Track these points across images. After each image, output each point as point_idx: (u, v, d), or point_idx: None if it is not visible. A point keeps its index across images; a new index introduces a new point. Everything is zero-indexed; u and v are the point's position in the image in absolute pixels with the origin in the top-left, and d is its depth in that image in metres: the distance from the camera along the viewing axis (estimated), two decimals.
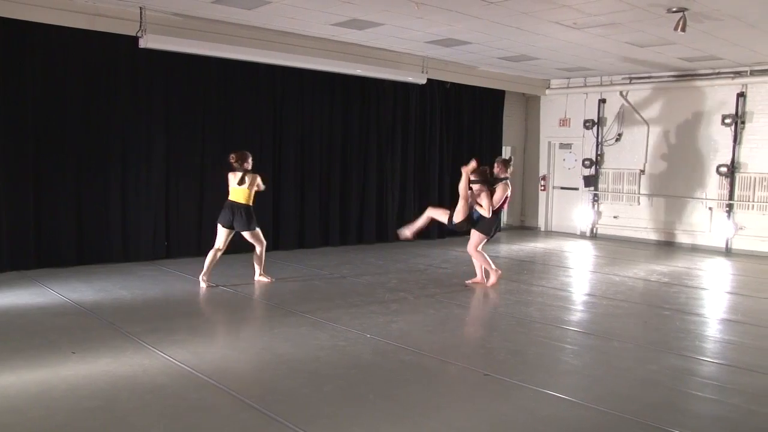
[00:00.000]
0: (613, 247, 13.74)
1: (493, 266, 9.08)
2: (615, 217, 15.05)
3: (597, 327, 7.07)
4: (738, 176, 13.09)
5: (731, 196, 13.14)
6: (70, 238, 9.50)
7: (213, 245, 8.52)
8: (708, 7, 8.44)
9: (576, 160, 15.78)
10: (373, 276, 9.65)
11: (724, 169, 13.14)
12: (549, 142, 16.37)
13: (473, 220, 8.97)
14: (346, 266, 10.36)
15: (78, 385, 4.84)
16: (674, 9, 8.44)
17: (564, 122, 15.94)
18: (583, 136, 15.53)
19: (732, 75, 13.03)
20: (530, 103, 16.76)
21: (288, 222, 11.87)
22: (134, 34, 9.44)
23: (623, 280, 9.80)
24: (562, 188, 16.23)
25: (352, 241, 12.84)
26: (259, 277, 8.85)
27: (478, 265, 9.21)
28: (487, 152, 15.37)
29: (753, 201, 12.90)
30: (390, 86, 13.12)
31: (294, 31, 10.74)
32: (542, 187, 16.49)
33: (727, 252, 13.13)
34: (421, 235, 13.78)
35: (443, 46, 11.70)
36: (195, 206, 10.74)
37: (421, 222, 9.31)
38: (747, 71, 12.85)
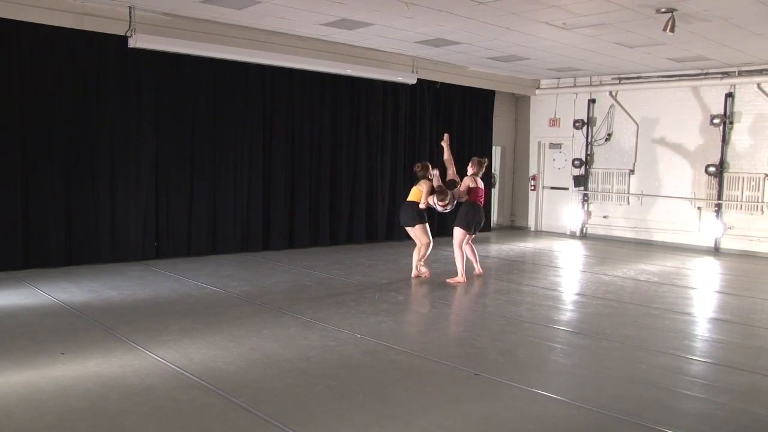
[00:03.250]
0: (603, 246, 13.79)
1: (462, 271, 9.17)
2: (605, 216, 15.11)
3: (587, 326, 7.10)
4: (726, 176, 13.17)
5: (720, 196, 13.22)
6: (59, 238, 9.45)
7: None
8: (696, 8, 8.49)
9: (566, 160, 15.84)
10: (363, 276, 9.64)
11: (712, 169, 13.22)
12: (539, 142, 16.41)
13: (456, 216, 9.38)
14: (336, 266, 10.35)
15: (67, 385, 4.81)
16: (663, 10, 8.49)
17: (554, 122, 15.99)
18: (573, 136, 15.59)
19: (720, 75, 13.10)
20: (520, 103, 16.80)
21: (278, 222, 11.85)
22: (123, 34, 9.40)
23: (612, 280, 9.84)
24: (552, 188, 16.27)
25: (342, 241, 12.83)
26: (415, 272, 9.50)
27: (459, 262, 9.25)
28: (477, 152, 15.40)
29: (741, 201, 12.98)
30: (380, 86, 13.12)
31: (284, 31, 10.72)
32: (532, 187, 16.53)
33: (716, 251, 13.21)
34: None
35: (433, 46, 11.71)
36: (185, 206, 10.69)
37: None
38: (735, 72, 12.92)
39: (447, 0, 8.53)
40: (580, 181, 15.27)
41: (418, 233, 9.32)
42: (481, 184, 9.41)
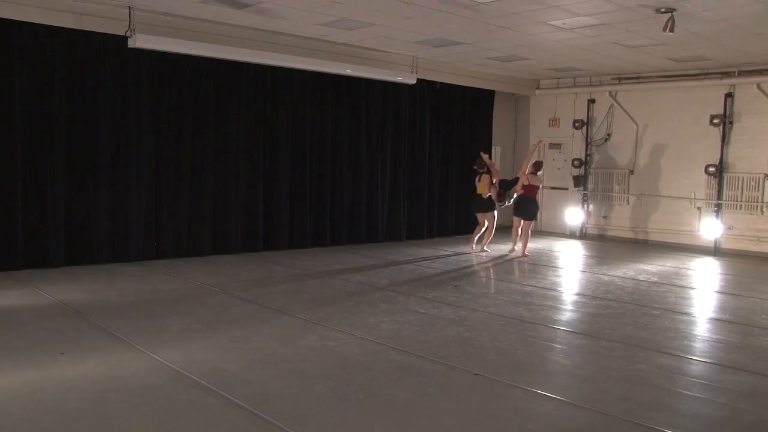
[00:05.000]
0: (603, 246, 13.79)
1: (512, 245, 12.28)
2: (604, 216, 15.11)
3: (586, 326, 7.10)
4: (726, 176, 13.17)
5: (719, 196, 13.22)
6: (59, 238, 9.44)
7: None
8: (696, 8, 8.49)
9: (565, 160, 15.84)
10: (363, 276, 9.65)
11: (712, 169, 13.22)
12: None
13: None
14: (336, 266, 10.36)
15: (66, 386, 4.82)
16: (663, 10, 8.49)
17: (553, 122, 15.99)
18: (573, 136, 15.59)
19: (720, 75, 13.10)
20: (520, 103, 16.80)
21: (279, 222, 11.85)
22: (123, 34, 9.38)
23: (612, 280, 9.84)
24: (552, 188, 16.26)
25: (343, 241, 12.83)
26: (480, 248, 12.30)
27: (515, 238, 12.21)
28: (477, 152, 15.39)
29: (741, 201, 12.98)
30: (380, 86, 13.12)
31: (284, 31, 10.72)
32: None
33: (716, 251, 13.21)
34: (412, 234, 13.96)
35: (433, 47, 11.71)
36: (185, 206, 10.69)
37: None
38: (735, 72, 12.92)
39: (447, 0, 8.53)
40: (580, 181, 15.27)
41: (487, 218, 11.96)
42: (535, 182, 12.00)
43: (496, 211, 12.03)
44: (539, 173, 12.22)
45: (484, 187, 11.79)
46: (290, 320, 6.89)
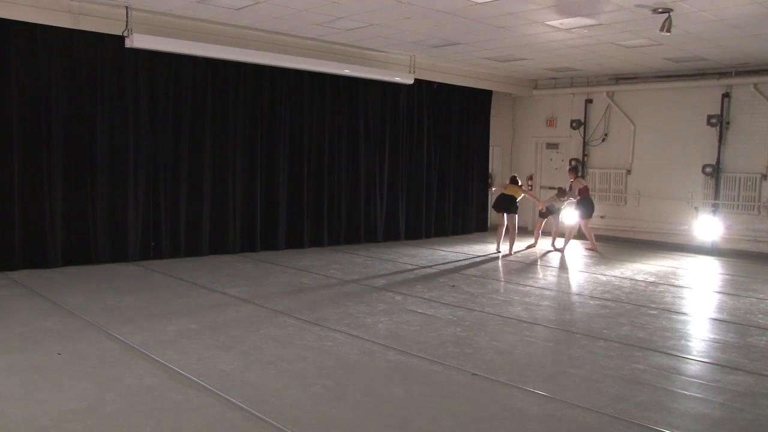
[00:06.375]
0: (600, 246, 13.79)
1: (591, 243, 13.13)
2: (602, 216, 15.12)
3: (584, 326, 7.10)
4: (723, 176, 13.19)
5: (716, 196, 13.24)
6: (56, 238, 9.43)
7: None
8: (693, 9, 8.50)
9: (563, 160, 15.85)
10: (361, 276, 9.65)
11: (709, 169, 13.25)
12: (536, 142, 16.43)
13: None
14: (334, 266, 10.35)
15: (64, 386, 4.81)
16: (660, 10, 8.50)
17: (551, 122, 16.01)
18: (570, 136, 15.61)
19: (717, 76, 13.13)
20: (517, 104, 16.81)
21: (276, 222, 11.84)
22: (120, 34, 9.37)
23: (610, 280, 9.85)
24: (550, 188, 16.25)
25: (341, 241, 12.83)
26: (505, 250, 12.56)
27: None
28: (475, 152, 15.46)
29: (738, 200, 13.00)
30: (378, 86, 13.11)
31: (281, 31, 10.71)
32: (529, 187, 16.52)
33: (713, 251, 13.22)
34: (410, 234, 13.97)
35: (430, 47, 11.71)
36: (182, 206, 10.68)
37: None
38: (731, 72, 12.95)
39: (444, 0, 8.53)
40: None
41: (513, 219, 12.54)
42: (584, 183, 13.20)
43: (516, 215, 12.71)
44: (579, 176, 13.54)
45: (517, 190, 12.54)
46: (288, 320, 6.89)
